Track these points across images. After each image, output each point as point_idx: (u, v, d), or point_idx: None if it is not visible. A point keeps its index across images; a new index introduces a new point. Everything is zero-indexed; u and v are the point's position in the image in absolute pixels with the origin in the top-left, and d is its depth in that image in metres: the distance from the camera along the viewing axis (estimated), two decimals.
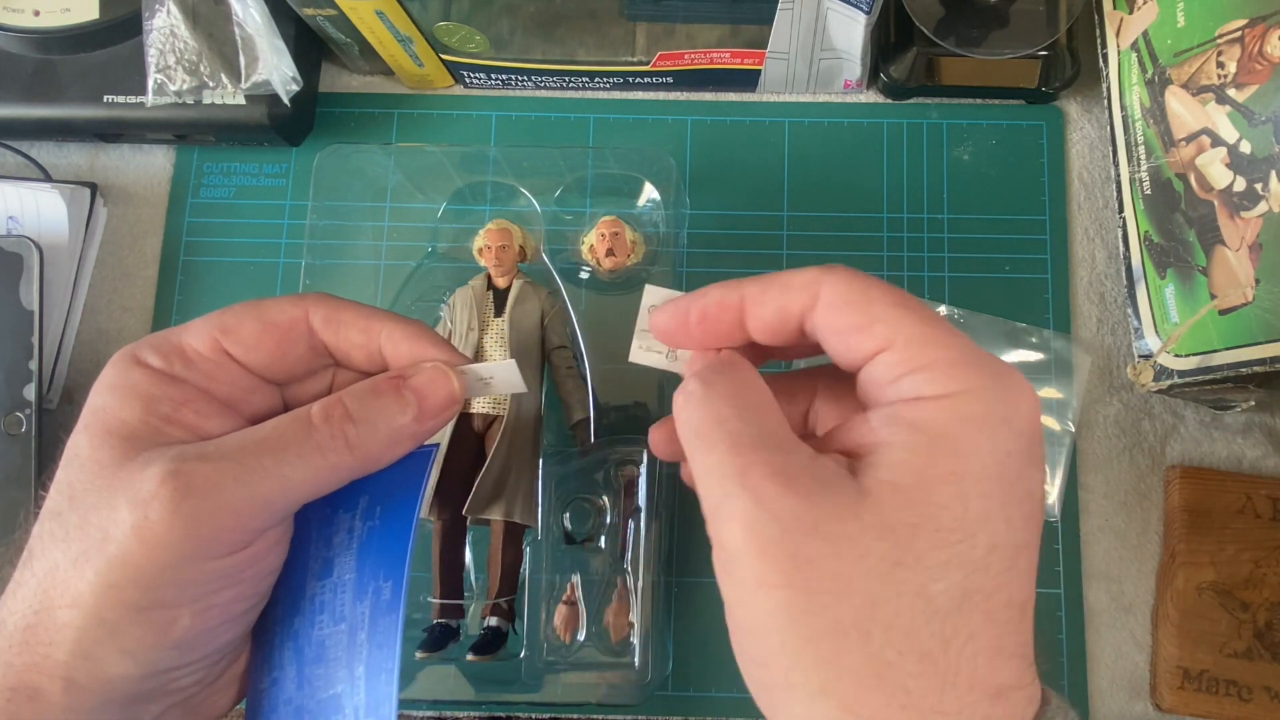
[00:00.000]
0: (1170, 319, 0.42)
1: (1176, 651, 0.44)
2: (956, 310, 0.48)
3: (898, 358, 0.24)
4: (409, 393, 0.28)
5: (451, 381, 0.29)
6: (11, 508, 0.44)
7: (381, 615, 0.27)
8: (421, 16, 0.45)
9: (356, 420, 0.27)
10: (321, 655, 0.28)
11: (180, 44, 0.46)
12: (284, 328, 0.28)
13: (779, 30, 0.46)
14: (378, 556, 0.28)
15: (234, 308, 0.29)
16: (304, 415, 0.27)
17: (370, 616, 0.27)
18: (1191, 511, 0.45)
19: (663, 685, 0.44)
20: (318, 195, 0.46)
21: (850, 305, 0.25)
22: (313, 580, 0.29)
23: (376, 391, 0.28)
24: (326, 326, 0.29)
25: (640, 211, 0.48)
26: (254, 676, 0.29)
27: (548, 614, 0.43)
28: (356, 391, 0.28)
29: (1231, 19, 0.39)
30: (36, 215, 0.49)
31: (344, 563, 0.28)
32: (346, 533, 0.29)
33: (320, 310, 0.29)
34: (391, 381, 0.28)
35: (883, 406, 0.24)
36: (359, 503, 0.29)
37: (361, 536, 0.29)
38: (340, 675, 0.27)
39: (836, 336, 0.26)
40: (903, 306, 0.25)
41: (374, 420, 0.27)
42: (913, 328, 0.24)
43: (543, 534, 0.43)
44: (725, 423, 0.24)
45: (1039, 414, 0.24)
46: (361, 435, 0.27)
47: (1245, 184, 0.39)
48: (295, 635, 0.28)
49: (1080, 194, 0.50)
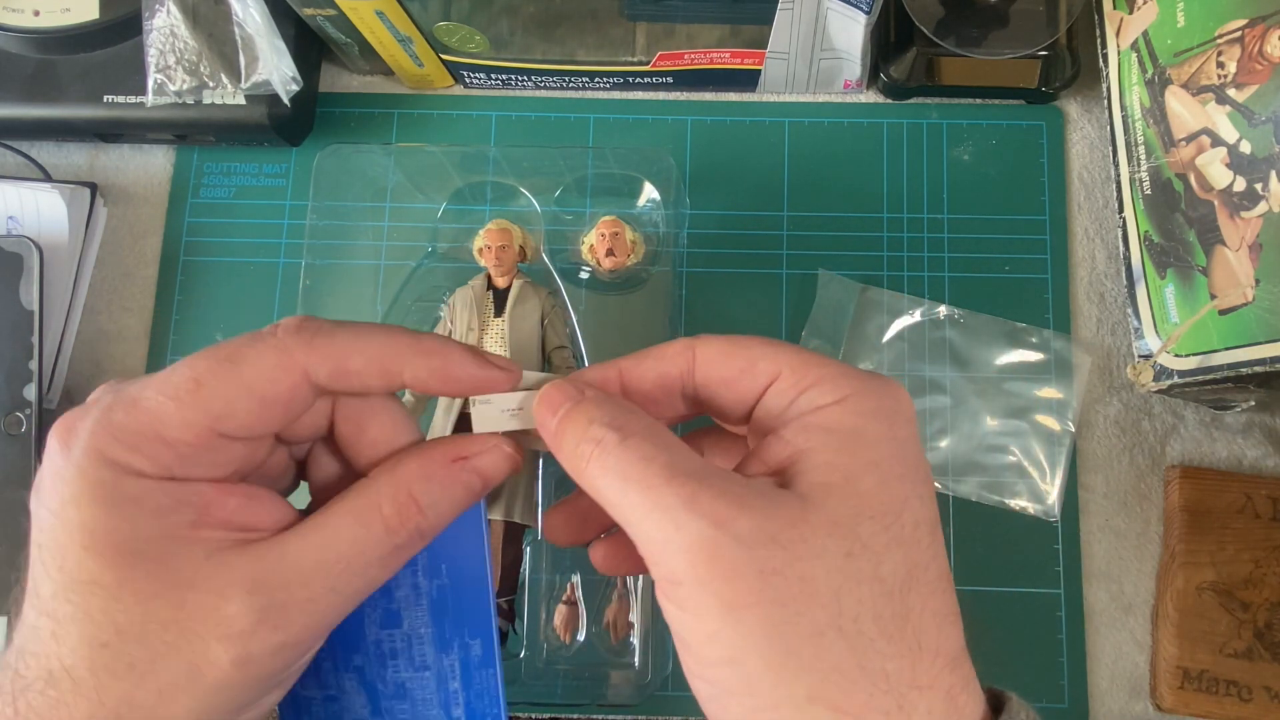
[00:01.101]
0: (1170, 319, 0.42)
1: (1176, 651, 0.44)
2: (956, 310, 0.48)
3: (788, 383, 0.26)
4: (475, 476, 0.27)
5: (512, 455, 0.28)
6: (11, 508, 0.44)
7: (476, 669, 0.29)
8: (421, 16, 0.45)
9: (428, 514, 0.26)
10: (404, 694, 0.29)
11: (180, 44, 0.46)
12: (286, 400, 0.25)
13: (779, 30, 0.46)
14: (457, 616, 0.29)
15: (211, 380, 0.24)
16: (377, 519, 0.26)
17: (462, 669, 0.29)
18: (1191, 511, 0.45)
19: (663, 685, 0.44)
20: (318, 195, 0.46)
21: (729, 355, 0.27)
22: (374, 627, 0.29)
23: (443, 482, 0.27)
24: (334, 382, 0.26)
25: (640, 211, 0.48)
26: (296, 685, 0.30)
27: (548, 614, 0.43)
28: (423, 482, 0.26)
29: (1231, 19, 0.39)
30: (36, 215, 0.49)
31: (415, 616, 0.29)
32: (411, 589, 0.29)
33: (322, 367, 0.25)
34: (456, 468, 0.27)
35: (791, 421, 0.26)
36: (417, 559, 0.28)
37: (431, 595, 0.29)
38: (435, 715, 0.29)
39: (724, 386, 0.27)
40: (775, 344, 0.27)
41: (441, 508, 0.27)
42: (791, 356, 0.26)
43: (543, 534, 0.43)
44: (654, 459, 0.24)
45: (909, 401, 0.26)
46: (433, 524, 0.27)
47: (1245, 184, 0.39)
48: (359, 670, 0.29)
49: (1080, 194, 0.50)
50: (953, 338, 0.48)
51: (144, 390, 0.24)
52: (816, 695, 0.23)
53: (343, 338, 0.26)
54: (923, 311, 0.48)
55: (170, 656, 0.23)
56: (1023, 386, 0.47)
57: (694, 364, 0.27)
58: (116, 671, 0.23)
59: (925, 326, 0.48)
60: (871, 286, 0.49)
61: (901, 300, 0.49)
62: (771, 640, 0.23)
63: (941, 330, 0.48)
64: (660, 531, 0.23)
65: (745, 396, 0.27)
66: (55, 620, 0.24)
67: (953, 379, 0.48)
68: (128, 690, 0.23)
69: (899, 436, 0.25)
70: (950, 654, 0.24)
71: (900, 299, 0.49)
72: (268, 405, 0.25)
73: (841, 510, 0.24)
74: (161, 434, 0.24)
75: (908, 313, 0.49)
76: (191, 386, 0.24)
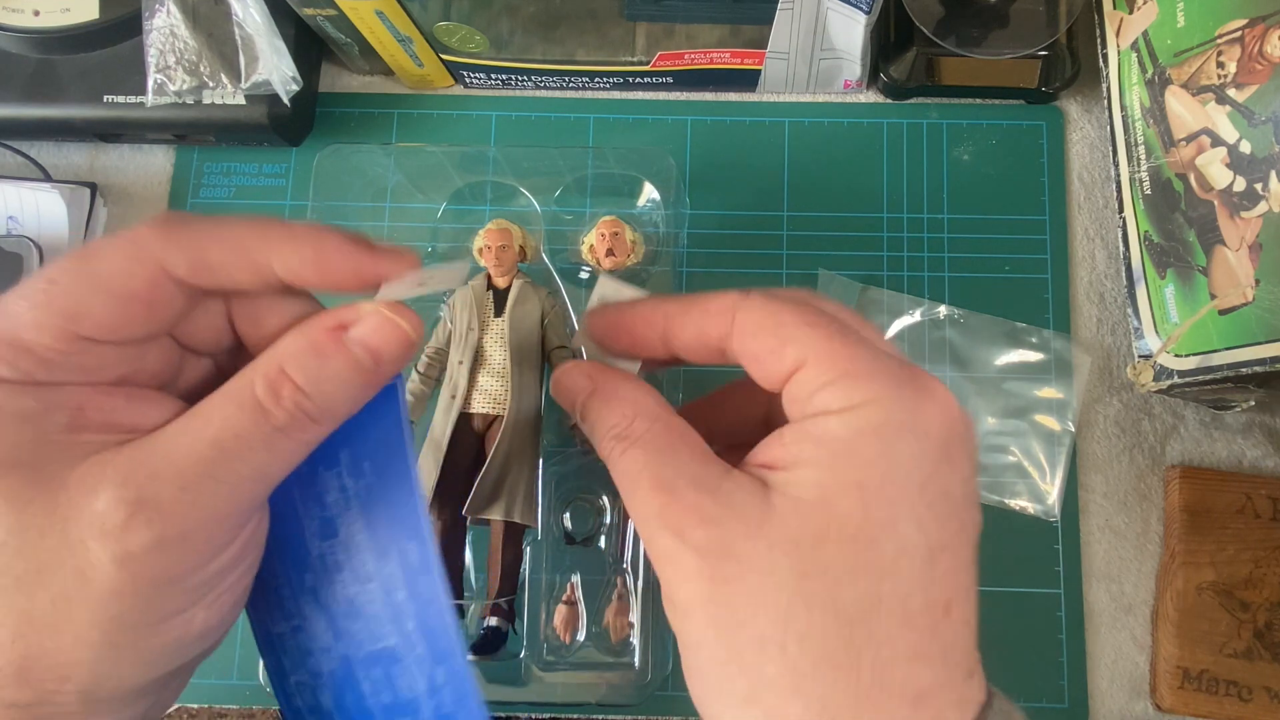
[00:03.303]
0: (1170, 319, 0.42)
1: (1176, 651, 0.44)
2: (956, 310, 0.48)
3: (810, 374, 0.25)
4: (358, 348, 0.25)
5: (400, 326, 0.25)
6: None
7: (415, 576, 0.26)
8: (421, 16, 0.45)
9: (310, 392, 0.24)
10: (356, 611, 0.27)
11: (180, 44, 0.46)
12: (145, 296, 0.24)
13: (779, 30, 0.46)
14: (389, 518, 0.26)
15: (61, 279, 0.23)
16: (249, 399, 0.24)
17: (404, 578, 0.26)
18: (1191, 511, 0.45)
19: (663, 685, 0.44)
20: (318, 195, 0.46)
21: (763, 331, 0.26)
22: (315, 540, 0.27)
23: (320, 353, 0.24)
24: (196, 275, 0.24)
25: (640, 211, 0.48)
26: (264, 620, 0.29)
27: (548, 614, 0.43)
28: (297, 357, 0.24)
29: (1231, 19, 0.39)
30: (36, 215, 0.49)
31: (349, 523, 0.27)
32: (339, 491, 0.27)
33: (180, 257, 0.24)
34: (332, 336, 0.25)
35: (795, 422, 0.25)
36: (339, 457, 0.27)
37: (360, 496, 0.27)
38: (387, 630, 0.27)
39: (754, 363, 0.26)
40: (812, 325, 0.25)
41: (328, 386, 0.24)
42: (822, 344, 0.25)
43: (543, 534, 0.43)
44: (644, 471, 0.26)
45: (952, 414, 0.25)
46: (320, 404, 0.24)
47: (1245, 184, 0.39)
48: (314, 590, 0.27)
49: (1080, 194, 0.50)
50: (953, 338, 0.48)
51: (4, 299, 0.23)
52: (753, 698, 0.24)
53: (200, 227, 0.24)
54: (923, 311, 0.49)
55: (54, 566, 0.22)
56: (1023, 386, 0.47)
57: (732, 328, 0.26)
58: (5, 587, 0.22)
59: (925, 326, 0.48)
60: (871, 286, 0.49)
61: (901, 300, 0.49)
62: (720, 638, 0.24)
63: (941, 330, 0.48)
64: (645, 535, 0.26)
65: (774, 376, 0.26)
66: None
67: (953, 379, 0.48)
68: (22, 605, 0.22)
69: (902, 454, 0.24)
70: (914, 694, 0.23)
71: (900, 299, 0.49)
72: (125, 302, 0.23)
73: (803, 530, 0.24)
74: (18, 337, 0.23)
75: (908, 313, 0.49)
76: (44, 286, 0.23)
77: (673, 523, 0.25)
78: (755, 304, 0.26)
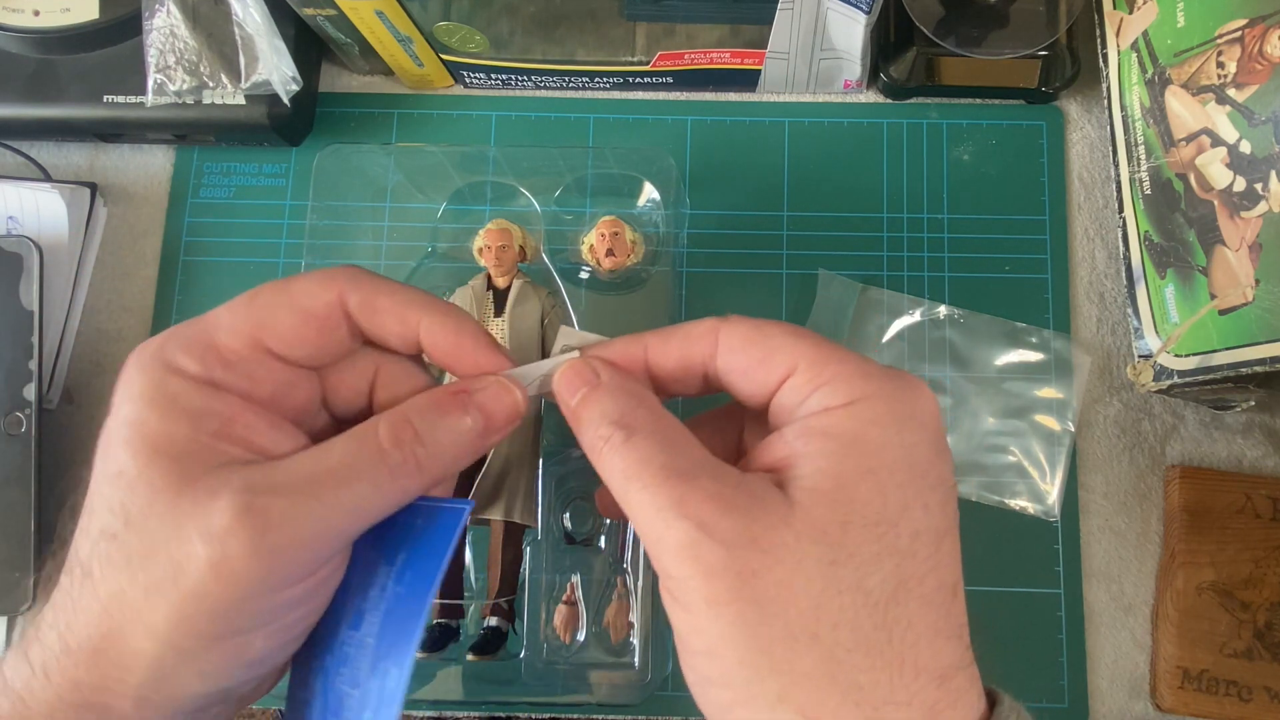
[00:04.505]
0: (1170, 319, 0.42)
1: (1176, 651, 0.44)
2: (957, 310, 0.48)
3: (802, 379, 0.26)
4: (475, 410, 0.28)
5: (515, 395, 0.28)
6: (12, 507, 0.44)
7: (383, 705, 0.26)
8: (421, 16, 0.45)
9: (425, 442, 0.27)
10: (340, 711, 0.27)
11: (180, 44, 0.46)
12: (322, 317, 0.27)
13: (779, 30, 0.46)
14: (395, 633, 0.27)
15: (263, 295, 0.27)
16: (372, 439, 0.26)
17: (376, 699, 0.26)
18: (1191, 511, 0.45)
19: (663, 685, 0.44)
20: (318, 195, 0.46)
21: (750, 344, 0.27)
22: (345, 627, 0.28)
23: (441, 409, 0.27)
24: (362, 312, 0.27)
25: (640, 211, 0.48)
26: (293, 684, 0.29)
27: (548, 614, 0.43)
28: (422, 410, 0.27)
29: (1231, 19, 0.39)
30: (36, 215, 0.49)
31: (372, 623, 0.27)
32: (380, 589, 0.28)
33: (355, 294, 0.27)
34: (457, 398, 0.28)
35: (795, 422, 0.26)
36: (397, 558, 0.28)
37: (390, 601, 0.27)
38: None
39: (742, 376, 0.27)
40: (797, 335, 0.27)
41: (441, 440, 0.27)
42: (811, 351, 0.26)
43: (543, 534, 0.43)
44: (653, 460, 0.25)
45: (938, 410, 0.26)
46: (430, 455, 0.27)
47: (1245, 184, 0.39)
48: (325, 672, 0.28)
49: (1080, 194, 0.50)
50: (953, 338, 0.48)
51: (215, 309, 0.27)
52: (786, 697, 0.23)
53: (376, 279, 0.28)
54: (923, 311, 0.48)
55: (160, 552, 0.24)
56: (1023, 386, 0.47)
57: (716, 348, 0.27)
58: (116, 562, 0.24)
59: (925, 326, 0.48)
60: (871, 286, 0.49)
61: (901, 300, 0.49)
62: (746, 637, 0.23)
63: (941, 330, 0.48)
64: (654, 529, 0.24)
65: (761, 388, 0.27)
66: (88, 514, 0.25)
67: (953, 379, 0.48)
68: (121, 584, 0.24)
69: (906, 443, 0.25)
70: (939, 670, 0.24)
71: (900, 299, 0.49)
72: (306, 319, 0.27)
73: (829, 518, 0.24)
74: (213, 338, 0.26)
75: (908, 313, 0.49)
76: (246, 299, 0.27)
77: (693, 512, 0.24)
78: (738, 322, 0.27)
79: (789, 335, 0.27)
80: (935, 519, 0.25)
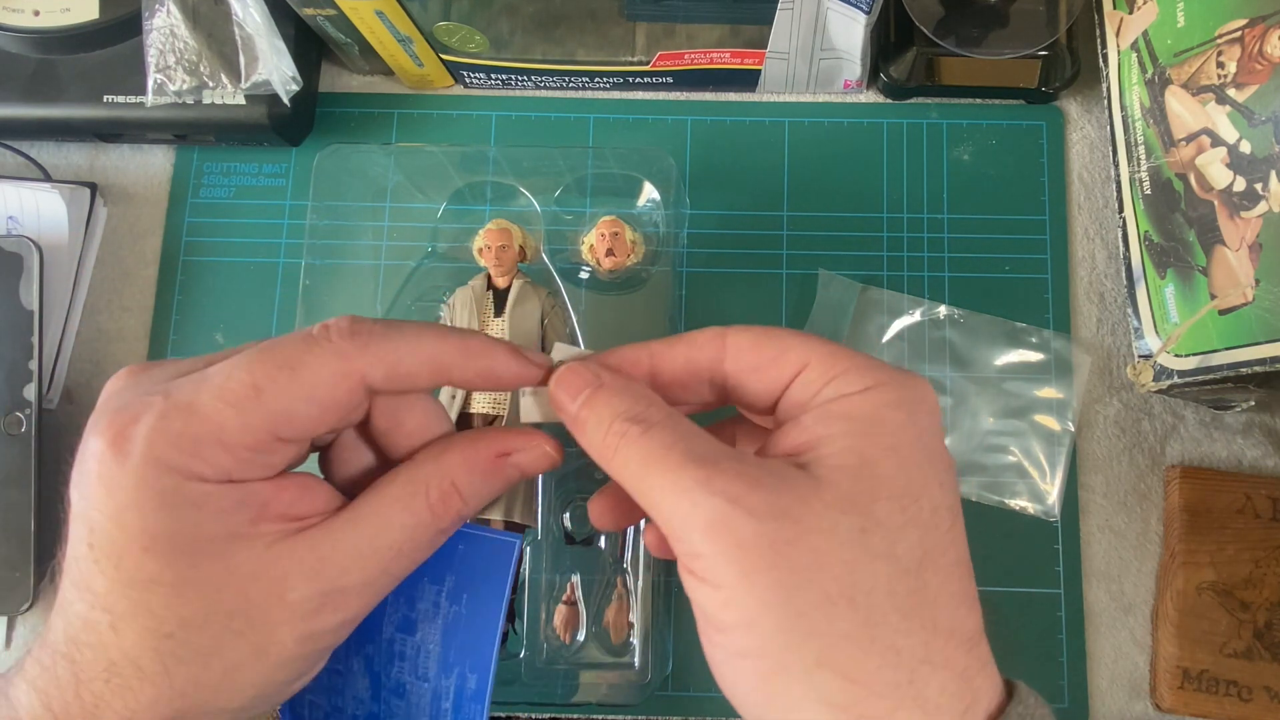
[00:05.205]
0: (1170, 319, 0.42)
1: (1176, 651, 0.44)
2: (956, 310, 0.48)
3: (815, 373, 0.27)
4: (514, 470, 0.29)
5: (551, 455, 0.30)
6: (12, 508, 0.44)
7: (468, 700, 0.31)
8: (421, 16, 0.45)
9: (469, 501, 0.28)
10: (402, 693, 0.31)
11: (180, 44, 0.46)
12: (343, 404, 0.27)
13: (779, 30, 0.46)
14: (463, 645, 0.31)
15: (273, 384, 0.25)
16: (423, 507, 0.27)
17: (456, 694, 0.31)
18: (1191, 511, 0.45)
19: (663, 685, 0.44)
20: (318, 195, 0.46)
21: (760, 344, 0.28)
22: (390, 627, 0.31)
23: (486, 475, 0.29)
24: (390, 383, 0.27)
25: (640, 211, 0.48)
26: None
27: (548, 614, 0.43)
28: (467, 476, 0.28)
29: (1231, 19, 0.39)
30: (36, 215, 0.49)
31: (428, 632, 0.31)
32: (432, 605, 0.31)
33: (378, 369, 0.26)
34: (499, 464, 0.29)
35: (812, 410, 0.27)
36: (445, 579, 0.31)
37: (448, 618, 0.31)
38: None
39: (754, 374, 0.28)
40: (805, 335, 0.28)
41: (482, 495, 0.29)
42: (821, 346, 0.27)
43: (543, 534, 0.43)
44: (675, 446, 0.26)
45: (937, 399, 0.27)
46: (471, 509, 0.29)
47: (1245, 184, 0.39)
48: (369, 658, 0.31)
49: (1080, 194, 0.50)
50: (953, 338, 0.48)
51: (199, 395, 0.25)
52: (825, 661, 0.23)
53: (397, 342, 0.27)
54: (923, 311, 0.49)
55: (237, 641, 0.25)
56: (1022, 386, 0.47)
57: (724, 351, 0.28)
58: (182, 657, 0.25)
59: (925, 326, 0.48)
60: (871, 286, 0.49)
61: (901, 300, 0.49)
62: (783, 602, 0.24)
63: (941, 330, 0.48)
64: (679, 510, 0.25)
65: (773, 385, 0.28)
66: (113, 614, 0.25)
67: (953, 379, 0.48)
68: (195, 672, 0.25)
69: (920, 425, 0.26)
70: (966, 635, 0.25)
71: (900, 299, 0.49)
72: (326, 410, 0.26)
73: (857, 489, 0.25)
74: (222, 440, 0.25)
75: (908, 313, 0.49)
76: (251, 394, 0.25)
77: (721, 489, 0.24)
78: (744, 329, 0.28)
79: (798, 336, 0.28)
80: (949, 498, 0.26)
